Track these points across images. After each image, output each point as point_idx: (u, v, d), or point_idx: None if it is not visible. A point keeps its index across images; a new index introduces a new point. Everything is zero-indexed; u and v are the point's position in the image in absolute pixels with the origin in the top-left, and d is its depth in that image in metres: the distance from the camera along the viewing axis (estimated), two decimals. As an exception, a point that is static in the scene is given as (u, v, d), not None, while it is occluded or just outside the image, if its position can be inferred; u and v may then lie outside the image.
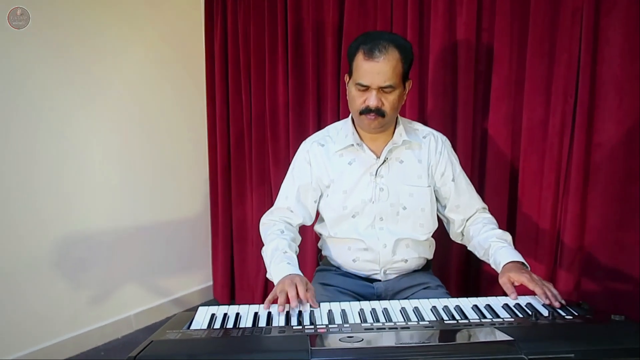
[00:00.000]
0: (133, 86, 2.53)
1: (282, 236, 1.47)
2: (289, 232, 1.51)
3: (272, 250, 1.43)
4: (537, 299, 1.25)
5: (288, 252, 1.41)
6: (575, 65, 1.65)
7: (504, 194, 1.89)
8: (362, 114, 1.39)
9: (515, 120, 1.83)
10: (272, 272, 1.37)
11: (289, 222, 1.55)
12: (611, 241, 1.67)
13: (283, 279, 1.29)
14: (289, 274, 1.30)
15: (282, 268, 1.34)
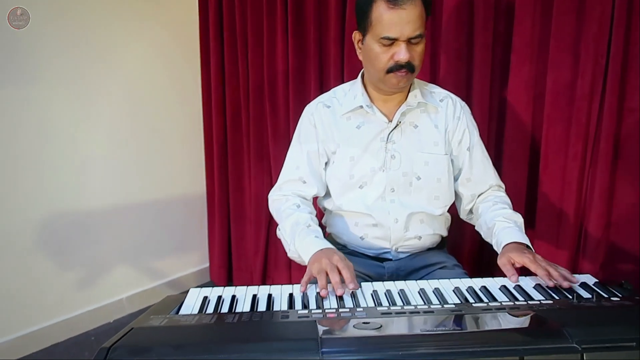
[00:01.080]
0: (120, 56, 2.35)
1: (299, 210, 1.33)
2: (305, 207, 1.36)
3: (292, 225, 1.29)
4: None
5: (312, 226, 1.28)
6: (608, 22, 1.48)
7: (523, 169, 1.73)
8: (391, 72, 1.23)
9: (538, 85, 1.67)
10: (298, 249, 1.24)
11: (303, 196, 1.40)
12: (642, 218, 1.53)
13: (317, 255, 1.15)
14: (321, 248, 1.17)
15: (310, 242, 1.21)
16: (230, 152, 2.64)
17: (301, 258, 1.22)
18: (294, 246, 1.25)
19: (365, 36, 1.24)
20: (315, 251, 1.17)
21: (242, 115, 2.56)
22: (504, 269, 1.14)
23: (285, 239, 1.31)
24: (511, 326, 0.82)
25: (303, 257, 1.21)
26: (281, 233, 1.34)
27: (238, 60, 2.49)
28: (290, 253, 1.28)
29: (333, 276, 1.05)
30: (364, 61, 1.29)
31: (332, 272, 1.06)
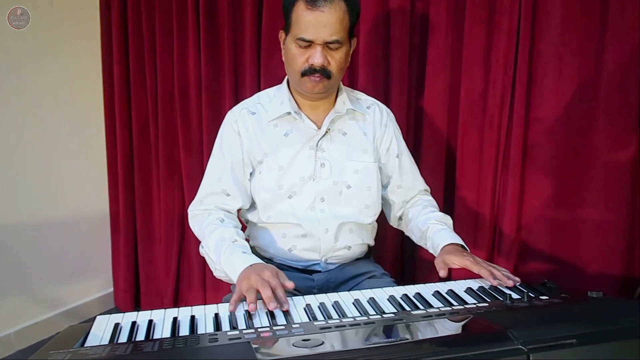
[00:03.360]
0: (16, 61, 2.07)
1: (223, 225, 1.23)
2: (230, 220, 1.27)
3: (216, 242, 1.18)
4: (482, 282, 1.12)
5: (238, 241, 1.18)
6: (515, 35, 1.57)
7: (440, 175, 1.77)
8: (305, 75, 1.18)
9: (452, 94, 1.72)
10: (225, 267, 1.13)
11: (226, 209, 1.30)
12: (550, 220, 1.62)
13: (246, 272, 1.06)
14: (251, 264, 1.08)
15: (238, 259, 1.11)
16: (137, 166, 2.44)
17: (229, 277, 1.12)
18: (220, 264, 1.14)
19: (287, 36, 1.20)
20: (244, 268, 1.07)
21: (150, 127, 2.38)
22: (438, 266, 1.15)
23: (209, 257, 1.20)
24: (456, 332, 0.80)
25: (231, 276, 1.11)
26: (205, 251, 1.22)
27: (145, 68, 2.32)
28: (217, 272, 1.18)
29: (265, 291, 0.97)
30: (284, 62, 1.24)
31: (263, 287, 0.98)
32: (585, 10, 1.49)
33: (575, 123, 1.55)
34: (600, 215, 1.52)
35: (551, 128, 1.58)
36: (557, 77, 1.55)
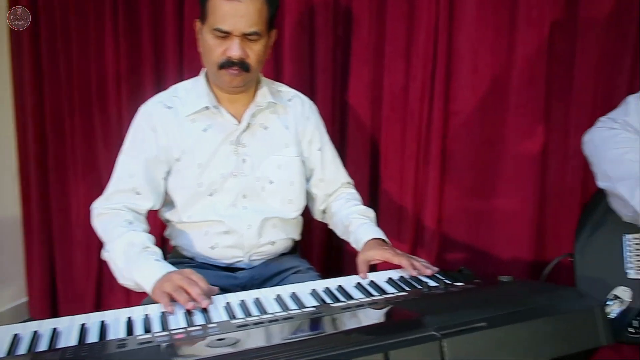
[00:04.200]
0: None
1: (132, 228, 1.15)
2: (139, 223, 1.19)
3: (125, 247, 1.10)
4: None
5: (150, 247, 1.11)
6: (433, 30, 1.61)
7: (365, 168, 1.80)
8: (222, 68, 1.15)
9: (376, 88, 1.74)
10: (135, 275, 1.06)
11: (135, 210, 1.22)
12: (468, 211, 1.69)
13: (166, 277, 0.99)
14: (167, 272, 1.02)
15: (151, 267, 1.04)
16: (52, 165, 2.28)
17: (138, 285, 1.05)
18: (128, 272, 1.07)
19: (203, 26, 1.16)
20: (158, 277, 1.01)
21: (65, 123, 2.23)
22: (360, 266, 1.15)
23: (115, 264, 1.11)
24: (372, 322, 0.80)
25: (142, 285, 1.04)
26: (110, 255, 1.13)
27: (59, 60, 2.16)
28: (123, 280, 1.10)
29: (193, 289, 0.94)
30: (201, 54, 1.20)
31: (190, 286, 0.94)
32: (498, 8, 1.56)
33: (489, 116, 1.62)
34: (511, 204, 1.61)
35: (467, 121, 1.65)
36: (473, 71, 1.62)
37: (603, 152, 1.07)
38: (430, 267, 1.12)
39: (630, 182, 0.99)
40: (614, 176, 1.03)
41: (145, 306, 0.96)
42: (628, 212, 1.01)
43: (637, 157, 1.01)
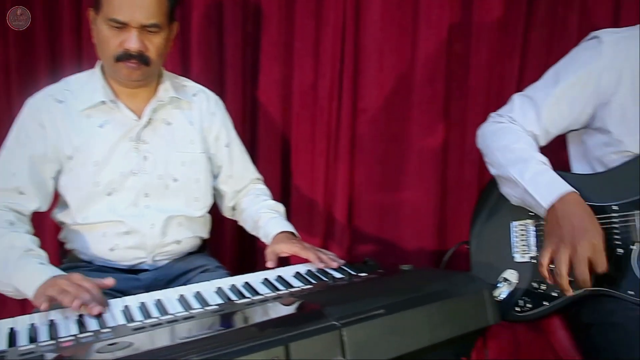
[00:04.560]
0: None
1: (13, 230, 1.06)
2: (22, 224, 1.10)
3: (5, 250, 1.01)
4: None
5: (34, 250, 1.03)
6: (341, 29, 1.64)
7: (276, 165, 1.79)
8: (120, 61, 1.09)
9: (286, 85, 1.74)
10: (14, 280, 0.97)
11: (18, 210, 1.13)
12: (376, 205, 1.75)
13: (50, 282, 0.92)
14: (52, 277, 0.94)
15: (34, 271, 0.96)
16: None
17: (19, 291, 0.97)
18: (7, 277, 0.98)
19: (97, 16, 1.09)
20: (43, 281, 0.94)
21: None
22: (268, 257, 1.16)
23: None
24: (274, 316, 0.80)
25: (24, 290, 0.96)
26: None
27: None
28: (1, 286, 1.01)
29: (83, 294, 0.87)
30: (96, 45, 1.13)
31: (78, 290, 0.88)
32: (401, 9, 1.62)
33: (395, 113, 1.68)
34: (416, 197, 1.69)
35: (375, 118, 1.70)
36: (379, 70, 1.67)
37: (493, 142, 1.15)
38: (336, 259, 1.14)
39: (519, 166, 1.06)
40: (505, 162, 1.10)
41: (32, 315, 0.89)
42: (516, 194, 1.09)
43: (523, 145, 1.10)
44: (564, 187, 1.01)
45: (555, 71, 1.12)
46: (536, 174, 1.04)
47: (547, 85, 1.12)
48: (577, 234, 0.95)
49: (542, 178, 1.04)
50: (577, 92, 1.06)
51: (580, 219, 0.96)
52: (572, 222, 0.96)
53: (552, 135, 1.14)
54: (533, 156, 1.07)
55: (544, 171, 1.05)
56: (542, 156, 1.09)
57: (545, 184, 1.03)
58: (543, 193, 1.02)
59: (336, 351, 0.73)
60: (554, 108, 1.09)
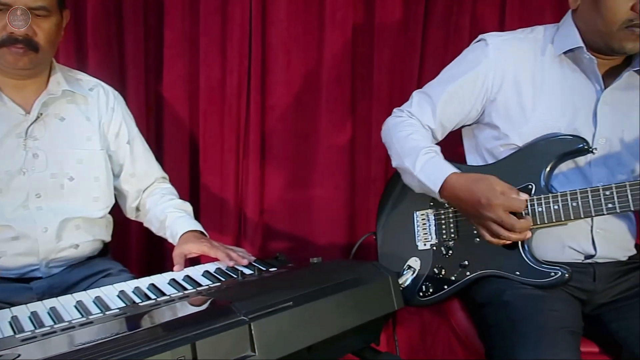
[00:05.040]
0: None
1: None
2: None
3: None
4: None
5: None
6: (247, 26, 1.63)
7: (184, 163, 1.74)
8: (4, 46, 1.00)
9: (193, 81, 1.69)
10: None
11: None
12: (288, 201, 1.75)
13: None
14: None
15: None
16: None
17: None
18: None
19: None
20: None
21: None
22: (175, 259, 1.12)
23: None
24: (180, 315, 0.78)
25: None
26: None
27: None
28: None
29: None
30: None
31: None
32: (307, 7, 1.64)
33: (304, 110, 1.70)
34: (326, 192, 1.72)
35: (284, 115, 1.70)
36: (287, 67, 1.67)
37: (393, 135, 1.21)
38: (247, 256, 1.14)
39: (412, 156, 1.13)
40: (402, 153, 1.16)
41: None
42: (414, 183, 1.15)
43: (417, 137, 1.16)
44: (447, 170, 1.08)
45: (448, 70, 1.21)
46: (425, 162, 1.11)
47: (441, 83, 1.19)
48: (472, 207, 1.02)
49: (429, 165, 1.11)
50: (468, 90, 1.14)
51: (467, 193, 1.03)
52: (463, 200, 1.04)
53: (447, 129, 1.22)
54: (424, 146, 1.14)
55: (431, 158, 1.12)
56: (433, 146, 1.16)
57: (432, 170, 1.10)
58: (432, 179, 1.09)
59: (245, 346, 0.73)
60: (447, 104, 1.17)
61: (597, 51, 1.05)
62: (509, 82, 1.11)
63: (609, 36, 1.01)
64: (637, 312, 1.02)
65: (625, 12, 0.97)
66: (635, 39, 0.99)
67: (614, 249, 1.09)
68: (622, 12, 0.97)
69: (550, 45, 1.10)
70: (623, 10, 0.97)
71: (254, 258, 1.15)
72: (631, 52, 1.03)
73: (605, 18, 0.99)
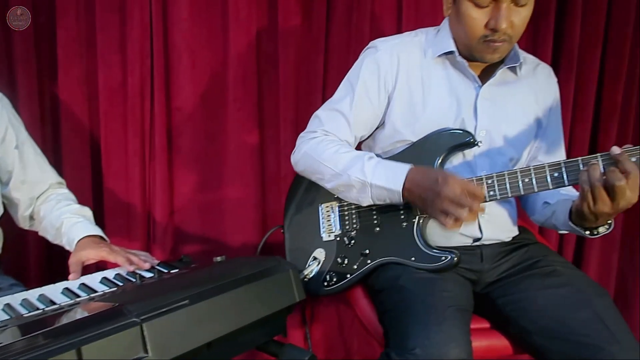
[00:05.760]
0: None
1: None
2: None
3: None
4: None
5: None
6: (148, 26, 1.59)
7: (86, 168, 1.66)
8: None
9: (91, 82, 1.62)
10: None
11: None
12: (199, 203, 1.73)
13: None
14: None
15: None
16: None
17: None
18: None
19: None
20: None
21: None
22: (72, 267, 1.08)
23: None
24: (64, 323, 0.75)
25: None
26: None
27: None
28: None
29: None
30: None
31: None
32: (209, 7, 1.63)
33: (211, 111, 1.69)
34: (237, 192, 1.71)
35: (191, 116, 1.68)
36: (192, 67, 1.65)
37: (318, 156, 1.18)
38: (149, 259, 1.11)
39: (358, 165, 1.12)
40: (341, 169, 1.13)
41: None
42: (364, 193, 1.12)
43: (349, 148, 1.18)
44: (404, 166, 1.09)
45: (348, 80, 1.24)
46: (375, 167, 1.11)
47: (345, 95, 1.22)
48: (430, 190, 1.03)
49: (381, 168, 1.11)
50: (372, 96, 1.19)
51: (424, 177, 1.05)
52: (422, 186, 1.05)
53: (360, 139, 1.27)
54: (363, 154, 1.15)
55: (379, 162, 1.12)
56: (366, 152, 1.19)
57: (387, 171, 1.10)
58: (392, 179, 1.08)
59: (138, 348, 0.71)
60: (358, 114, 1.20)
61: (466, 58, 1.14)
62: (402, 83, 1.18)
63: (471, 47, 1.11)
64: (520, 288, 1.12)
65: (481, 29, 1.07)
66: (492, 51, 1.09)
67: (498, 231, 1.19)
68: (478, 29, 1.07)
69: (430, 49, 1.18)
70: (479, 27, 1.06)
71: (158, 261, 1.13)
72: (491, 62, 1.13)
73: (465, 32, 1.09)
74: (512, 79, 1.19)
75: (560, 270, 1.12)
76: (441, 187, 1.00)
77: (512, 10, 1.05)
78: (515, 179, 1.04)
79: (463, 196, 0.99)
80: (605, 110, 1.81)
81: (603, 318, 1.00)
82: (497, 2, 1.03)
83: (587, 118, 1.80)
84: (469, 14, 1.06)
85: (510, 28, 1.06)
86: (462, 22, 1.08)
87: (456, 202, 0.99)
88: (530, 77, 1.21)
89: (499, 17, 1.03)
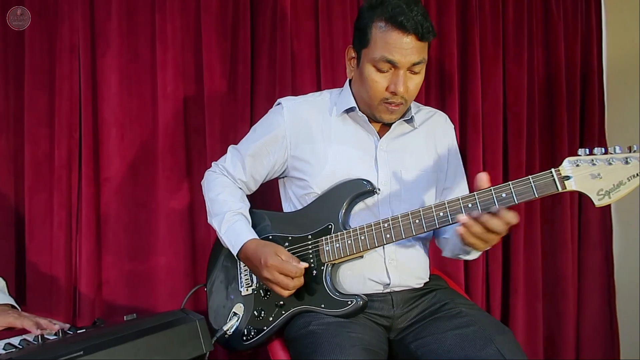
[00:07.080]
0: None
1: None
2: None
3: None
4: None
5: None
6: (77, 100, 1.66)
7: (9, 240, 1.64)
8: None
9: (18, 157, 1.65)
10: None
11: None
12: (129, 273, 1.71)
13: None
14: None
15: None
16: None
17: None
18: None
19: None
20: None
21: None
22: None
23: None
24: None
25: None
26: None
27: None
28: None
29: None
30: None
31: None
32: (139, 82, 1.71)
33: (141, 180, 1.72)
34: (168, 261, 1.71)
35: (120, 187, 1.71)
36: (121, 140, 1.70)
37: (206, 192, 1.35)
38: (59, 324, 1.10)
39: (218, 218, 1.26)
40: (212, 212, 1.29)
41: None
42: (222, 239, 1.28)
43: (225, 197, 1.27)
44: (245, 237, 1.22)
45: (255, 129, 1.36)
46: (229, 227, 1.25)
47: (249, 141, 1.35)
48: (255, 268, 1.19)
49: (232, 230, 1.25)
50: (270, 148, 1.30)
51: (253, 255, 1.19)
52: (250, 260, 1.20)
53: (258, 182, 1.35)
54: (229, 209, 1.27)
55: (235, 222, 1.26)
56: (240, 206, 1.29)
57: (233, 235, 1.24)
58: (233, 243, 1.23)
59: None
60: (254, 160, 1.32)
61: (367, 115, 1.27)
62: (304, 138, 1.28)
63: (371, 107, 1.24)
64: (430, 330, 1.16)
65: (382, 92, 1.20)
66: (390, 113, 1.23)
67: (406, 278, 1.24)
68: (379, 91, 1.20)
69: (335, 107, 1.30)
70: (380, 90, 1.20)
71: (69, 325, 1.11)
72: (388, 122, 1.26)
73: (368, 93, 1.22)
74: (408, 129, 1.31)
75: (466, 312, 1.18)
76: (262, 268, 1.16)
77: (408, 77, 1.18)
78: (407, 221, 1.12)
79: (280, 276, 1.14)
80: (513, 166, 1.98)
81: (504, 353, 1.05)
82: (395, 69, 1.17)
83: (497, 176, 1.95)
84: (372, 77, 1.19)
85: (406, 92, 1.19)
86: (366, 84, 1.21)
87: (273, 282, 1.14)
88: (426, 126, 1.34)
89: (398, 81, 1.17)
